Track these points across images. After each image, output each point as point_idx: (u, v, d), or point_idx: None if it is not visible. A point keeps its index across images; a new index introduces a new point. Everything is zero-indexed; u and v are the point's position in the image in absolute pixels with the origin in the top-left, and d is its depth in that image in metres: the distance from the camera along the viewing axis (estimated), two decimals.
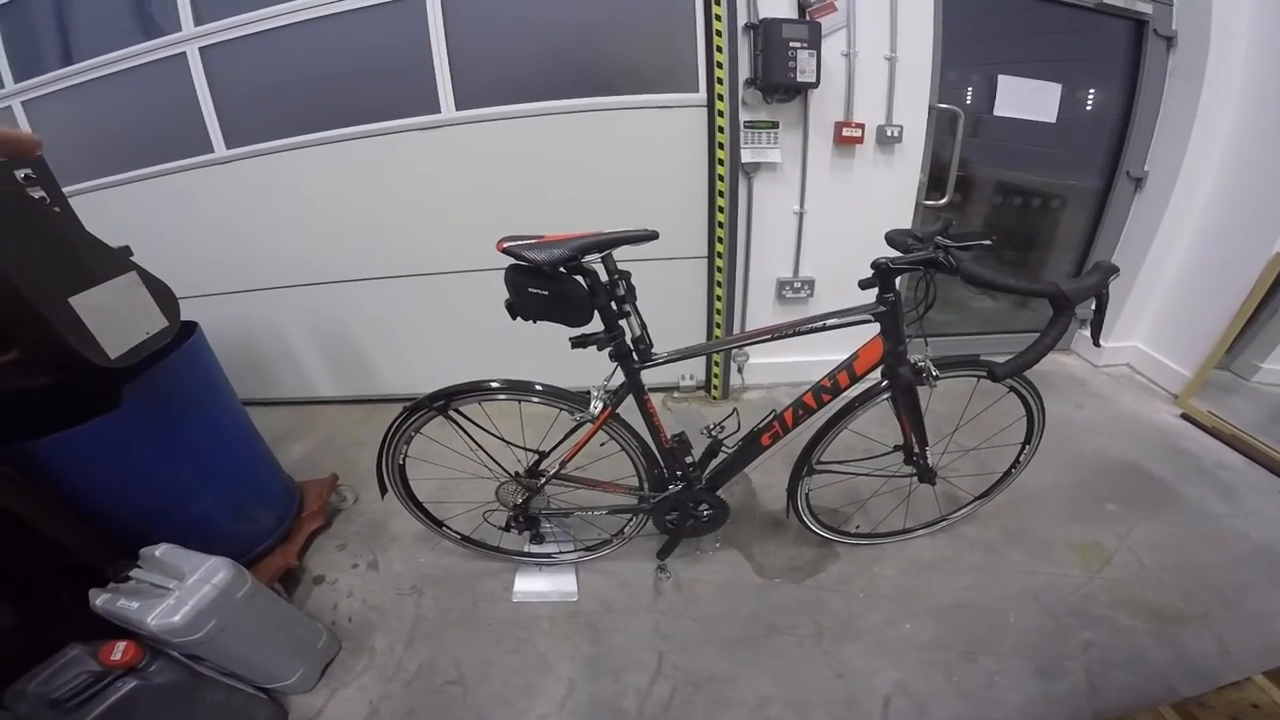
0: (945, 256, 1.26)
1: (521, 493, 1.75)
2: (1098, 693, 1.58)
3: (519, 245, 1.25)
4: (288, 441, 2.78)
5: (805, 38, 2.15)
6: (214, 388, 1.81)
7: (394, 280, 2.73)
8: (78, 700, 1.16)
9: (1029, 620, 1.78)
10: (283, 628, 1.55)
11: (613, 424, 1.61)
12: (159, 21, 2.27)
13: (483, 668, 1.69)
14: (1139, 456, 2.51)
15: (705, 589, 1.92)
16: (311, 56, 2.30)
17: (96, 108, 2.41)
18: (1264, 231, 2.50)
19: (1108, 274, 1.19)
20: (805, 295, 2.83)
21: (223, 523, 1.79)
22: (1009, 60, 2.66)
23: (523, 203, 2.51)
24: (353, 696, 1.62)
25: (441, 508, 1.93)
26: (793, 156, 2.51)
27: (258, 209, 2.55)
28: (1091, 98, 2.84)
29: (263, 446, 2.04)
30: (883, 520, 2.08)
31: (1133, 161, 2.88)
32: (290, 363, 2.99)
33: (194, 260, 2.64)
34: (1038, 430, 1.83)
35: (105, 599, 1.30)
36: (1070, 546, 2.04)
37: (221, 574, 1.36)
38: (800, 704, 1.58)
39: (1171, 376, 2.96)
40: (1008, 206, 3.08)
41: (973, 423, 1.86)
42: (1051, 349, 1.21)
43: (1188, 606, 1.81)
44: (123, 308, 1.36)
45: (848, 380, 1.56)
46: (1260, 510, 2.19)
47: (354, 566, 2.04)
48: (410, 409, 1.57)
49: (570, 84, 2.34)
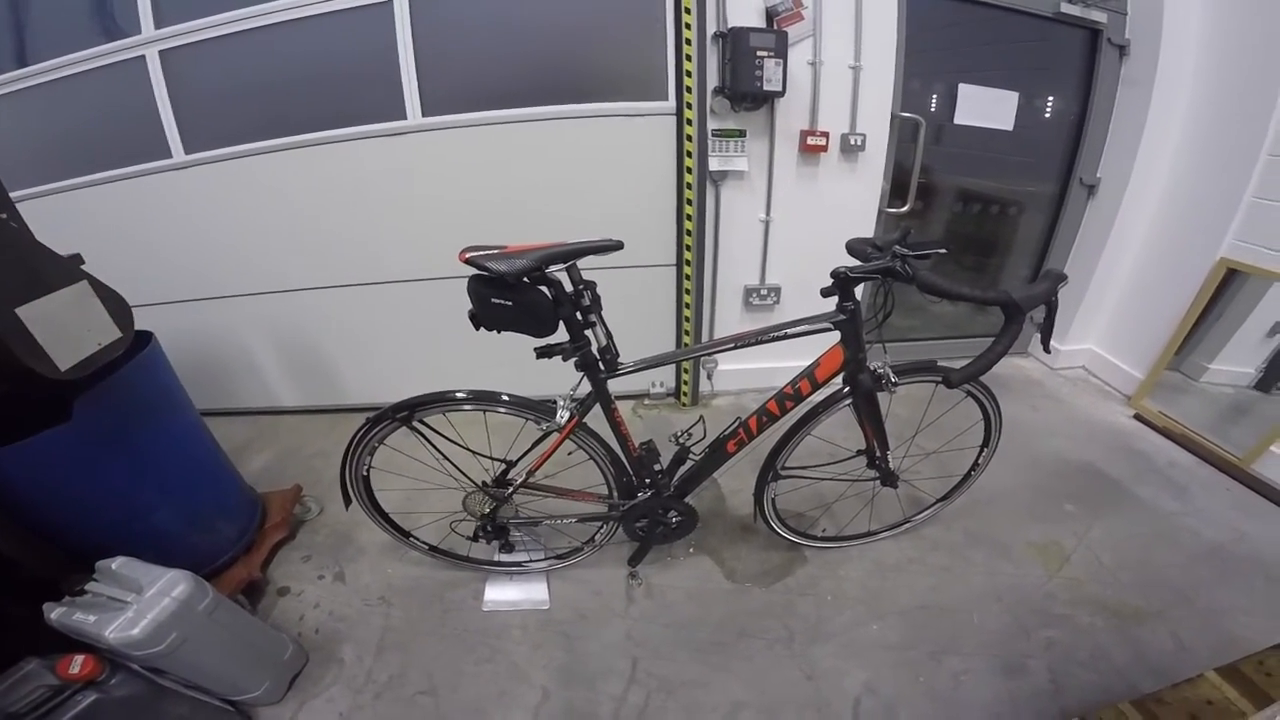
0: (902, 265, 1.29)
1: (489, 502, 1.74)
2: (1061, 690, 1.62)
3: (481, 256, 1.24)
4: (250, 452, 2.72)
5: (772, 46, 2.17)
6: (170, 398, 1.77)
7: (358, 288, 2.69)
8: (36, 714, 1.14)
9: (992, 620, 1.83)
10: (246, 640, 1.52)
11: (580, 433, 1.61)
12: (119, 23, 2.21)
13: (454, 677, 1.68)
14: (1095, 457, 2.58)
15: (677, 595, 1.93)
16: (275, 61, 2.26)
17: (49, 111, 2.34)
18: (1209, 236, 2.59)
19: (1056, 282, 1.23)
20: (772, 302, 2.86)
21: (182, 535, 1.75)
22: (970, 69, 2.73)
23: (490, 211, 2.49)
24: (322, 708, 1.60)
25: (408, 518, 1.91)
26: (759, 165, 2.54)
27: (217, 216, 2.49)
28: (1048, 106, 2.92)
29: (223, 457, 2.00)
30: (848, 523, 2.11)
31: (1086, 168, 2.97)
32: (251, 372, 2.93)
33: (149, 268, 2.57)
34: (995, 433, 1.88)
35: (61, 613, 1.27)
36: (1030, 546, 2.09)
37: (181, 586, 1.33)
38: (772, 707, 1.59)
39: (1124, 378, 3.06)
40: (968, 213, 3.16)
41: (933, 426, 1.91)
42: (1004, 355, 1.24)
43: (1145, 604, 1.87)
44: (73, 318, 1.33)
45: (809, 387, 1.58)
46: (1209, 508, 2.27)
47: (320, 578, 2.00)
48: (373, 420, 1.56)
49: (539, 91, 2.33)
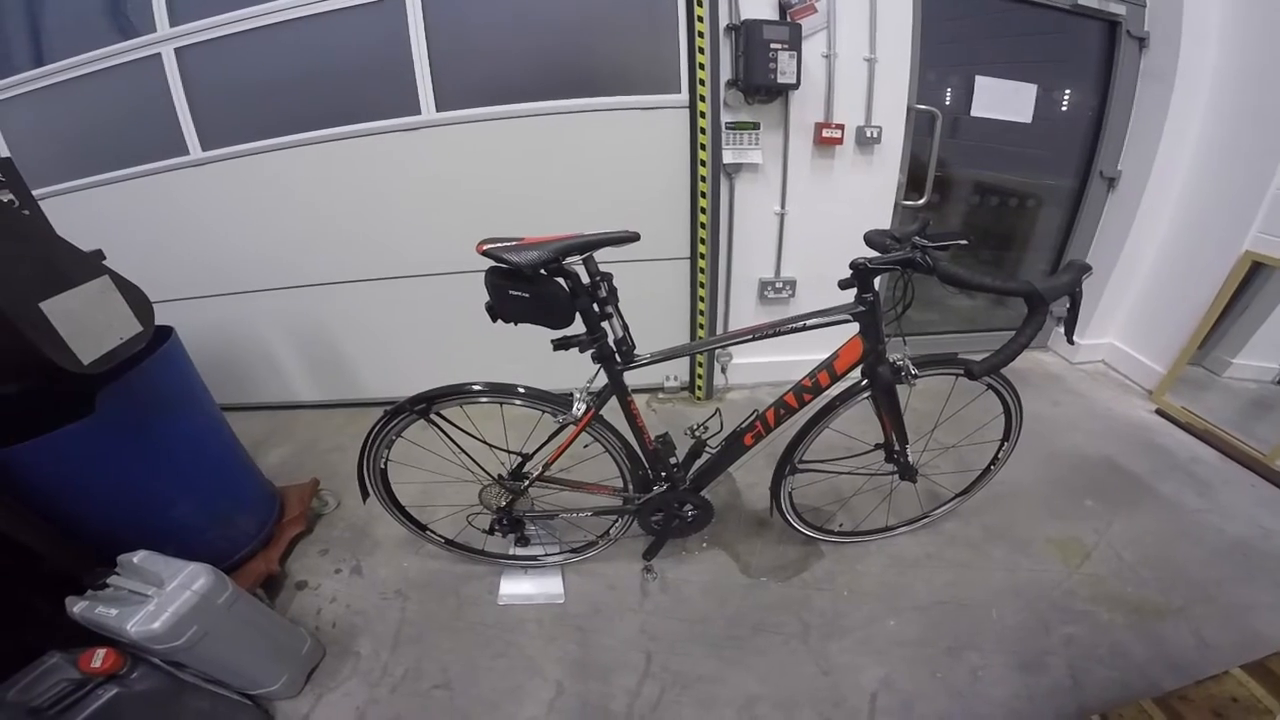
0: (922, 256, 1.27)
1: (505, 495, 1.75)
2: (1081, 687, 1.60)
3: (499, 247, 1.25)
4: (268, 446, 2.75)
5: (786, 39, 2.16)
6: (191, 393, 1.79)
7: (374, 283, 2.71)
8: (58, 708, 1.14)
9: (1011, 616, 1.80)
10: (265, 634, 1.53)
11: (596, 426, 1.61)
12: (134, 22, 2.24)
13: (469, 671, 1.68)
14: (1115, 452, 2.55)
15: (692, 589, 1.93)
16: (289, 58, 2.27)
17: (69, 110, 2.37)
18: (1233, 229, 2.55)
19: (1081, 272, 1.21)
20: (787, 295, 2.85)
21: (202, 529, 1.77)
22: (986, 61, 2.69)
23: (504, 204, 2.50)
24: (339, 702, 1.61)
25: (425, 511, 1.92)
26: (774, 157, 2.53)
27: (234, 212, 2.52)
28: (1066, 98, 2.88)
29: (242, 451, 2.02)
30: (865, 518, 2.09)
31: (1106, 161, 2.93)
32: (269, 367, 2.95)
33: (169, 264, 2.60)
34: (1016, 427, 1.86)
35: (83, 606, 1.28)
36: (1050, 542, 2.07)
37: (201, 580, 1.34)
38: (787, 703, 1.59)
39: (1146, 373, 3.02)
40: (985, 206, 3.13)
41: (952, 420, 1.89)
42: (1027, 347, 1.23)
43: (1166, 601, 1.84)
44: (95, 313, 1.35)
45: (828, 379, 1.57)
46: (1234, 504, 2.23)
47: (337, 571, 2.02)
48: (391, 412, 1.56)
49: (552, 85, 2.33)
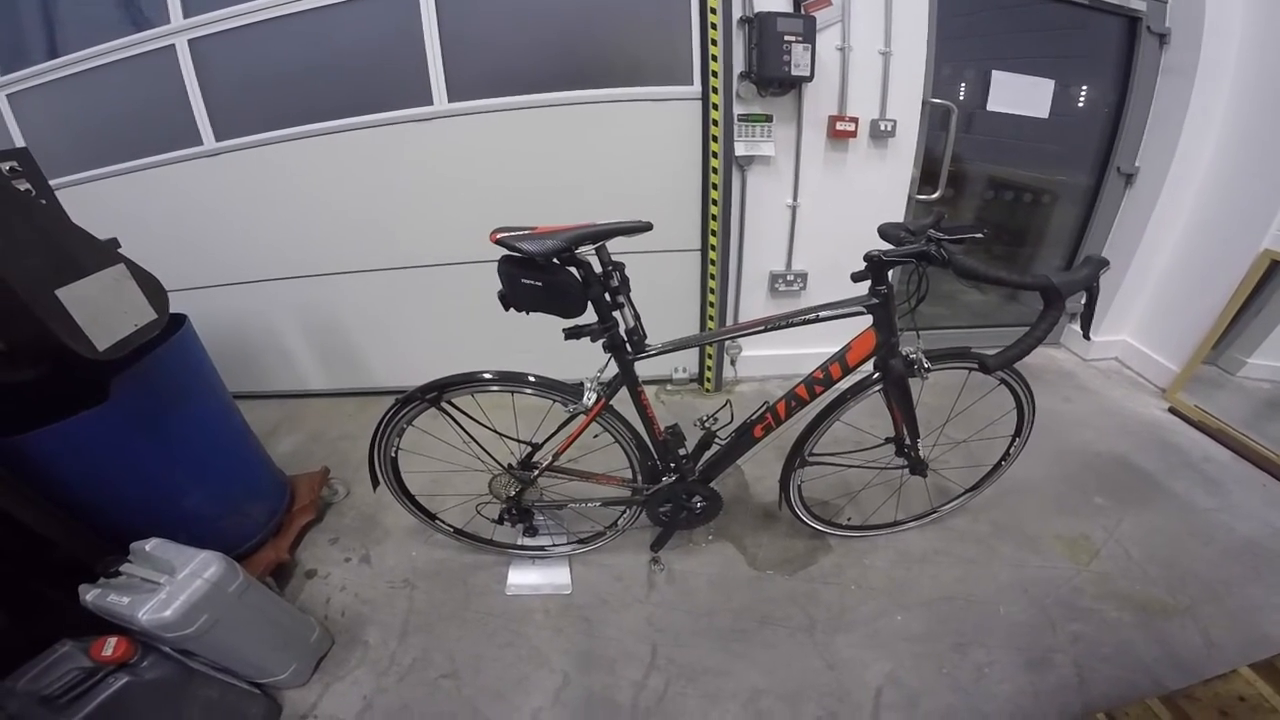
0: (937, 249, 1.27)
1: (515, 485, 1.75)
2: (1086, 685, 1.59)
3: (512, 236, 1.25)
4: (278, 435, 2.77)
5: (800, 31, 2.15)
6: (203, 380, 1.80)
7: (386, 272, 2.72)
8: (69, 697, 1.15)
9: (1018, 613, 1.80)
10: (275, 622, 1.54)
11: (606, 416, 1.61)
12: (147, 14, 2.25)
13: (476, 661, 1.69)
14: (1127, 450, 2.53)
15: (698, 581, 1.93)
16: (302, 48, 2.28)
17: (84, 101, 2.39)
18: (1252, 228, 2.52)
19: (1098, 267, 1.20)
20: (798, 288, 2.84)
21: (213, 517, 1.78)
22: (1003, 56, 2.66)
23: (516, 195, 2.50)
24: (346, 691, 1.62)
25: (434, 500, 1.92)
26: (786, 150, 2.51)
27: (247, 202, 2.53)
28: (1084, 94, 2.84)
29: (253, 439, 2.03)
30: (874, 512, 2.09)
31: (1123, 157, 2.89)
32: (281, 355, 2.97)
33: (183, 253, 2.62)
34: (1027, 423, 1.85)
35: (95, 594, 1.29)
36: (1059, 539, 2.05)
37: (213, 568, 1.35)
38: (792, 696, 1.59)
39: (1159, 371, 2.99)
40: (999, 201, 3.10)
41: (963, 415, 1.88)
42: (1042, 341, 1.21)
43: (1174, 600, 1.83)
44: (110, 300, 1.35)
45: (840, 372, 1.56)
46: (1245, 504, 2.21)
47: (346, 560, 2.03)
48: (402, 401, 1.57)
49: (564, 76, 2.33)
